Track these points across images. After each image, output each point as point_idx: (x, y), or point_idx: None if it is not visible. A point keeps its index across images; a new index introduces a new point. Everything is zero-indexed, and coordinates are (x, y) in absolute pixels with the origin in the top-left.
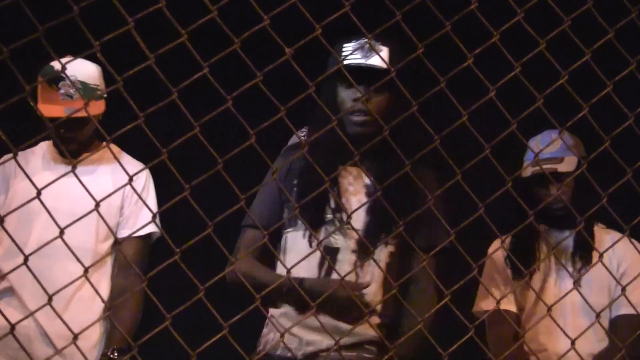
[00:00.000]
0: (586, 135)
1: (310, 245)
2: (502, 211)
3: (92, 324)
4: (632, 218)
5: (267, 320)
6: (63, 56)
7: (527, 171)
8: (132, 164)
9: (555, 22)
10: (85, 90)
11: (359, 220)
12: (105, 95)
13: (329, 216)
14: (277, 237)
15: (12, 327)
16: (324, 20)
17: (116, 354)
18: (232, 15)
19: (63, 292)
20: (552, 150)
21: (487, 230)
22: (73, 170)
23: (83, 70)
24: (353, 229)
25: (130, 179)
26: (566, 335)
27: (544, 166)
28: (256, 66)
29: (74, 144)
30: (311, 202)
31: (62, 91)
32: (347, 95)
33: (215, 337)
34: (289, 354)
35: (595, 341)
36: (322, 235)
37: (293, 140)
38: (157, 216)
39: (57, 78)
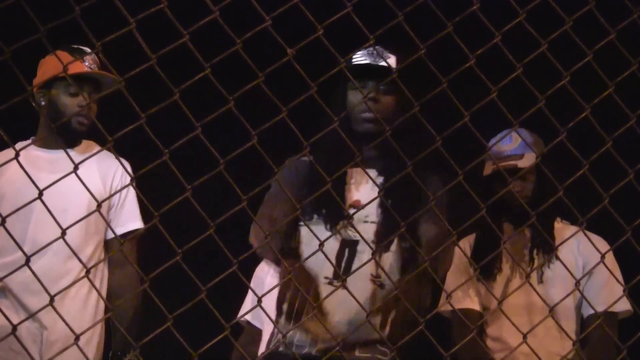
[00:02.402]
0: (587, 136)
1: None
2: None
3: (94, 325)
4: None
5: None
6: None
7: (488, 169)
8: (114, 158)
9: (557, 23)
10: (105, 69)
11: (374, 216)
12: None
13: (351, 211)
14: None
15: (14, 327)
16: (326, 20)
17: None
18: (234, 16)
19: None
20: (512, 147)
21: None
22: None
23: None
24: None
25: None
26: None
27: (504, 163)
28: (258, 67)
29: (84, 126)
30: (328, 198)
31: (86, 63)
32: (355, 97)
33: (217, 338)
34: (304, 351)
35: (560, 339)
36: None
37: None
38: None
39: (82, 52)
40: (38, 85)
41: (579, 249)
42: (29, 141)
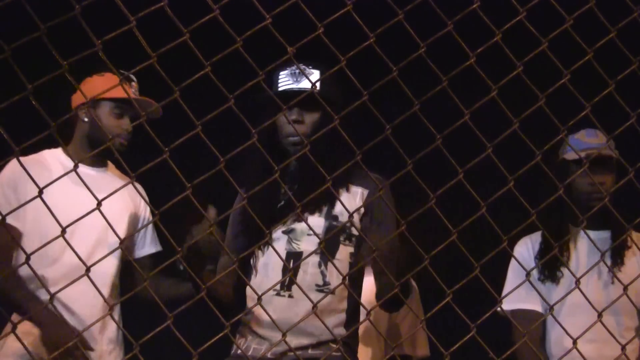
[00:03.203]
0: None
1: (255, 256)
2: (503, 211)
3: (95, 322)
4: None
5: (239, 327)
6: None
7: (570, 155)
8: (124, 180)
9: (558, 21)
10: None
11: (318, 225)
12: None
13: (292, 226)
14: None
15: (14, 326)
16: (326, 19)
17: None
18: (234, 14)
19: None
20: (596, 142)
21: (489, 230)
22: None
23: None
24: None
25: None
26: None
27: (589, 151)
28: (258, 65)
29: (124, 147)
30: (260, 216)
31: (132, 90)
32: (282, 120)
33: (217, 337)
34: (260, 353)
35: (623, 342)
36: (284, 243)
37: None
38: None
39: (128, 78)
40: (84, 102)
41: None
42: (57, 150)
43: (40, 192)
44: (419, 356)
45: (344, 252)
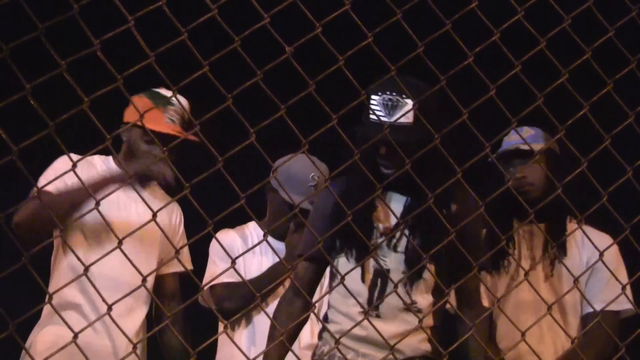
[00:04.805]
0: (587, 134)
1: (363, 270)
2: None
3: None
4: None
5: (320, 334)
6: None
7: (500, 151)
8: (167, 199)
9: (556, 21)
10: (186, 121)
11: (402, 243)
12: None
13: (379, 240)
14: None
15: (13, 325)
16: (324, 18)
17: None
18: (232, 14)
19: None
20: (515, 138)
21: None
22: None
23: (184, 101)
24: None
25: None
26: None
27: (510, 147)
28: (256, 64)
29: (164, 180)
30: (358, 227)
31: (167, 114)
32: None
33: (215, 336)
34: None
35: (567, 337)
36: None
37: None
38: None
39: (166, 102)
40: (124, 128)
41: (584, 246)
42: (108, 158)
43: (98, 204)
44: None
45: (427, 273)
